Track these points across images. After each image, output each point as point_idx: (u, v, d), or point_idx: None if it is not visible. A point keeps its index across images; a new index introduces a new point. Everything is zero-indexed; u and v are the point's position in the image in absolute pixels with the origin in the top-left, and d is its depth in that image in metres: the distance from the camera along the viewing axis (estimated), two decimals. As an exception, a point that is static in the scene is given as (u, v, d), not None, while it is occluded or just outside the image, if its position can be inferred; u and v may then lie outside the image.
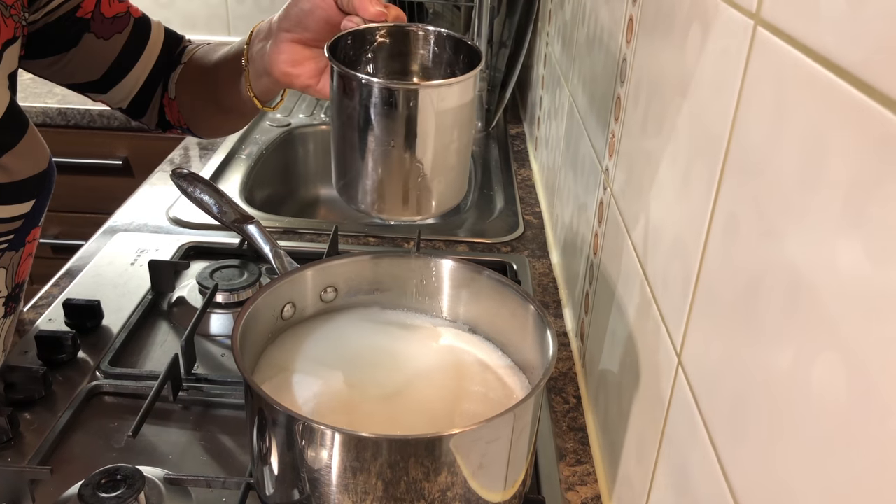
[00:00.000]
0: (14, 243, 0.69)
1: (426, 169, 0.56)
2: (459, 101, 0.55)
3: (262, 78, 0.69)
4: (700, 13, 0.50)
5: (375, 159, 0.55)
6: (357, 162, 0.56)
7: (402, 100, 0.53)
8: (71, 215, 1.73)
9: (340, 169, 0.58)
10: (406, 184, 0.56)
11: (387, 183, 0.56)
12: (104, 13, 0.75)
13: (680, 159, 0.52)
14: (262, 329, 0.63)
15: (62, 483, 0.64)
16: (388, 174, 0.56)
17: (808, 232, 0.34)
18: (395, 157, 0.55)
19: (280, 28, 0.65)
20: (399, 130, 0.54)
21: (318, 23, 0.62)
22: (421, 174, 0.56)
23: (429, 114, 0.53)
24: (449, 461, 0.50)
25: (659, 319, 0.55)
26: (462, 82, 0.54)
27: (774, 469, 0.36)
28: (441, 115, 0.54)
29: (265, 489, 0.57)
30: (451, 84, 0.54)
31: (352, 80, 0.54)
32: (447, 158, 0.57)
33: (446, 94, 0.54)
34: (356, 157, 0.56)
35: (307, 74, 0.65)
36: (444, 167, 0.57)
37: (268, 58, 0.66)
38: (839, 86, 0.32)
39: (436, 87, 0.54)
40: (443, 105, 0.54)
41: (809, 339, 0.33)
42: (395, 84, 0.54)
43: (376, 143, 0.54)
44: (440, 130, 0.55)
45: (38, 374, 0.73)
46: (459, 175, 0.59)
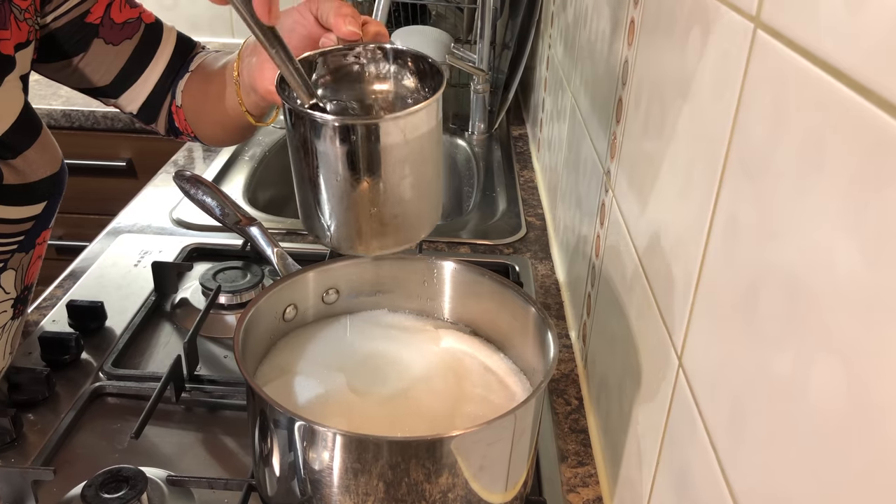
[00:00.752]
0: (24, 245, 0.69)
1: (378, 203, 0.54)
2: (413, 133, 0.52)
3: (250, 94, 0.69)
4: (700, 16, 0.50)
5: (325, 193, 0.54)
6: (308, 195, 0.55)
7: (341, 135, 0.51)
8: (75, 216, 1.73)
9: (298, 200, 0.57)
10: (357, 218, 0.55)
11: (339, 217, 0.55)
12: (114, 19, 0.75)
13: (681, 161, 0.53)
14: (264, 331, 0.64)
15: (65, 484, 0.64)
16: (339, 208, 0.54)
17: (807, 234, 0.34)
18: (343, 191, 0.53)
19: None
20: (343, 165, 0.52)
21: (299, 39, 0.62)
22: (371, 209, 0.54)
23: (372, 149, 0.51)
24: (450, 463, 0.51)
25: (660, 321, 0.55)
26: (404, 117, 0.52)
27: (774, 471, 0.36)
28: (388, 150, 0.52)
29: (267, 490, 0.57)
30: (399, 118, 0.52)
31: (291, 112, 0.53)
32: (401, 192, 0.54)
33: (390, 129, 0.52)
34: (307, 190, 0.55)
35: None
36: (399, 201, 0.55)
37: (253, 75, 0.66)
38: (838, 89, 0.32)
39: (379, 121, 0.52)
40: (388, 140, 0.52)
41: (808, 342, 0.33)
42: (330, 118, 0.52)
43: (324, 177, 0.53)
44: (388, 165, 0.52)
45: (42, 375, 0.74)
46: (420, 209, 0.57)
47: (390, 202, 0.54)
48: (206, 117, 0.78)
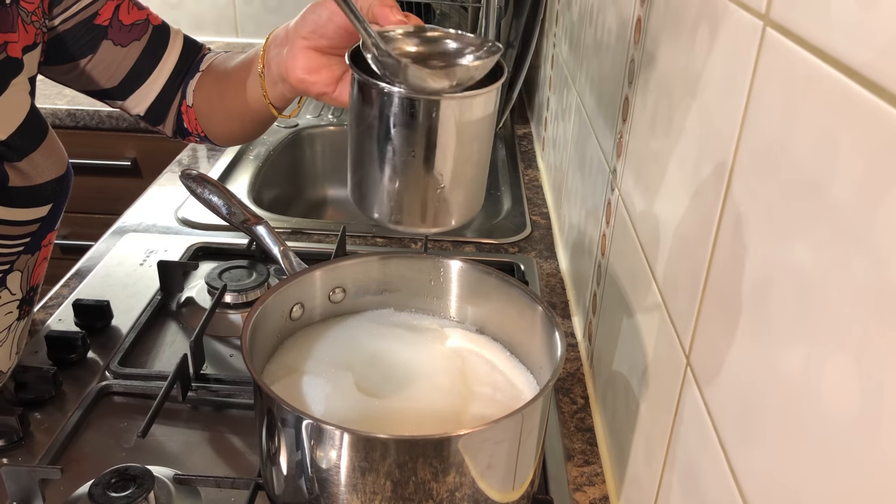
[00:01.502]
0: (30, 246, 0.69)
1: (445, 181, 0.55)
2: (481, 113, 0.54)
3: (277, 84, 0.69)
4: (709, 14, 0.50)
5: (394, 170, 0.54)
6: (375, 172, 0.55)
7: (424, 110, 0.52)
8: (80, 216, 1.74)
9: (357, 178, 0.57)
10: (424, 196, 0.55)
11: (405, 194, 0.55)
12: (122, 20, 0.75)
13: (689, 160, 0.52)
14: (271, 330, 0.64)
15: (72, 482, 0.64)
16: (406, 185, 0.55)
17: (818, 233, 0.34)
18: (414, 168, 0.54)
19: (297, 35, 0.64)
20: (419, 141, 0.53)
21: (335, 31, 0.62)
22: (440, 186, 0.55)
23: (450, 125, 0.53)
24: (457, 462, 0.51)
25: (667, 320, 0.55)
26: (485, 94, 0.53)
27: (785, 471, 0.36)
28: (462, 126, 0.53)
29: (274, 489, 0.57)
30: (475, 96, 0.53)
31: (372, 88, 0.53)
32: (466, 171, 0.56)
33: (469, 106, 0.53)
34: (374, 167, 0.55)
35: (323, 82, 0.65)
36: (463, 180, 0.56)
37: (284, 64, 0.66)
38: (849, 86, 0.32)
39: (458, 98, 0.53)
40: (464, 117, 0.53)
41: (820, 341, 0.33)
42: (418, 94, 0.53)
43: (395, 153, 0.54)
44: (461, 142, 0.54)
45: (49, 374, 0.74)
46: (477, 188, 0.58)
47: (458, 181, 0.55)
48: (221, 114, 0.78)
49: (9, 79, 0.65)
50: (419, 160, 0.54)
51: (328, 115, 1.55)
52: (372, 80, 0.53)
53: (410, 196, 0.55)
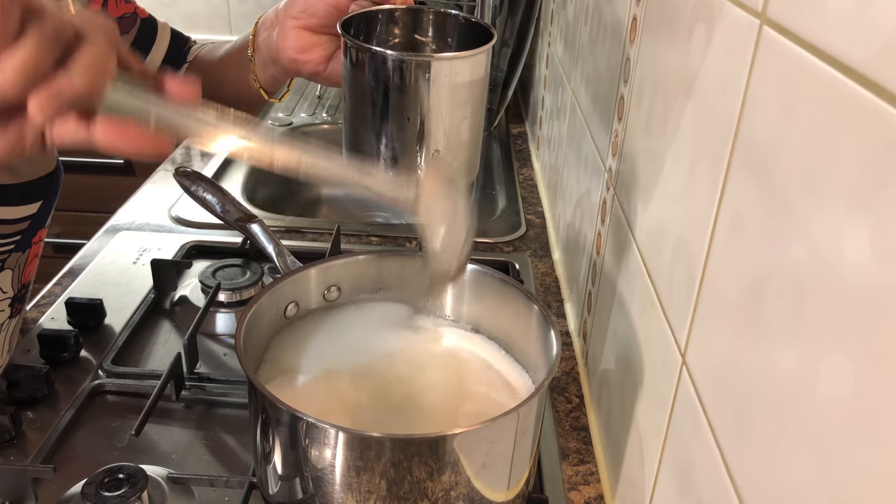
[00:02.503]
0: (21, 244, 0.69)
1: (440, 144, 0.55)
2: (472, 75, 0.54)
3: (269, 67, 0.69)
4: (705, 13, 0.50)
5: (389, 134, 0.55)
6: (370, 137, 0.56)
7: (416, 71, 0.52)
8: (73, 214, 1.73)
9: (353, 145, 0.58)
10: (420, 160, 0.56)
11: (401, 158, 0.56)
12: (111, 13, 0.75)
13: (684, 159, 0.52)
14: (266, 328, 0.63)
15: (65, 482, 0.64)
16: (403, 149, 0.55)
17: (815, 231, 0.34)
18: (409, 132, 0.54)
19: (287, 15, 0.65)
20: (413, 104, 0.53)
21: (325, 9, 0.63)
22: (435, 150, 0.55)
23: (443, 86, 0.53)
24: (452, 461, 0.50)
25: (663, 319, 0.55)
26: (474, 56, 0.54)
27: (780, 469, 0.36)
28: (455, 88, 0.54)
29: (268, 488, 0.57)
30: (465, 57, 0.54)
31: (365, 53, 0.53)
32: (461, 134, 0.56)
33: (460, 68, 0.54)
34: (369, 132, 0.56)
35: (315, 61, 0.65)
36: (458, 143, 0.57)
37: (275, 45, 0.66)
38: (846, 85, 0.32)
39: (449, 59, 0.54)
40: (456, 78, 0.54)
41: (816, 339, 0.33)
42: (409, 55, 0.54)
43: (390, 117, 0.54)
44: (454, 104, 0.54)
45: (41, 372, 0.73)
46: (472, 153, 0.59)
47: (452, 143, 0.56)
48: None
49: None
50: (414, 123, 0.54)
51: (322, 113, 1.55)
52: (364, 45, 0.53)
53: (406, 160, 0.56)
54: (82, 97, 0.36)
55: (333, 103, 1.60)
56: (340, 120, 1.64)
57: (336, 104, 1.60)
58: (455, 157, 0.57)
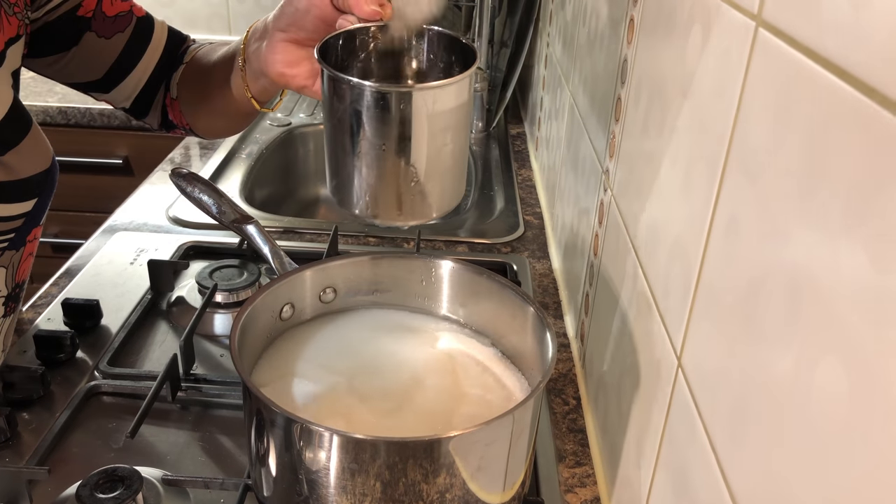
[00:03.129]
0: (15, 242, 0.69)
1: (420, 173, 0.54)
2: (454, 102, 0.53)
3: (259, 79, 0.68)
4: (701, 14, 0.49)
5: (367, 163, 0.54)
6: (349, 166, 0.55)
7: (395, 102, 0.51)
8: (71, 214, 1.73)
9: (333, 172, 0.57)
10: (399, 188, 0.55)
11: (380, 187, 0.55)
12: (106, 12, 0.74)
13: (681, 160, 0.52)
14: (261, 330, 0.63)
15: (60, 483, 0.63)
16: (381, 178, 0.54)
17: (810, 234, 0.34)
18: (387, 160, 0.53)
19: (275, 27, 0.64)
20: (391, 134, 0.52)
21: (313, 22, 0.61)
22: (414, 178, 0.54)
23: (422, 116, 0.52)
24: (448, 463, 0.50)
25: (659, 321, 0.55)
26: (456, 83, 0.53)
27: (775, 473, 0.36)
28: (434, 117, 0.52)
29: (263, 490, 0.56)
30: (445, 85, 0.52)
31: (341, 82, 0.52)
32: (442, 162, 0.55)
33: (440, 96, 0.52)
34: (348, 160, 0.55)
35: (303, 75, 0.64)
36: (439, 171, 0.55)
37: (263, 58, 0.65)
38: (841, 88, 0.32)
39: (429, 88, 0.52)
40: (436, 107, 0.52)
41: (811, 343, 0.33)
42: (387, 86, 0.52)
43: (368, 146, 0.53)
44: (434, 133, 0.53)
45: (37, 373, 0.73)
46: (455, 178, 0.58)
47: (432, 172, 0.55)
48: (204, 107, 0.78)
49: None
50: (392, 153, 0.53)
51: (321, 114, 1.55)
52: (340, 75, 0.52)
53: (385, 189, 0.55)
54: None
55: (332, 103, 1.60)
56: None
57: (335, 104, 1.60)
58: (436, 185, 0.56)
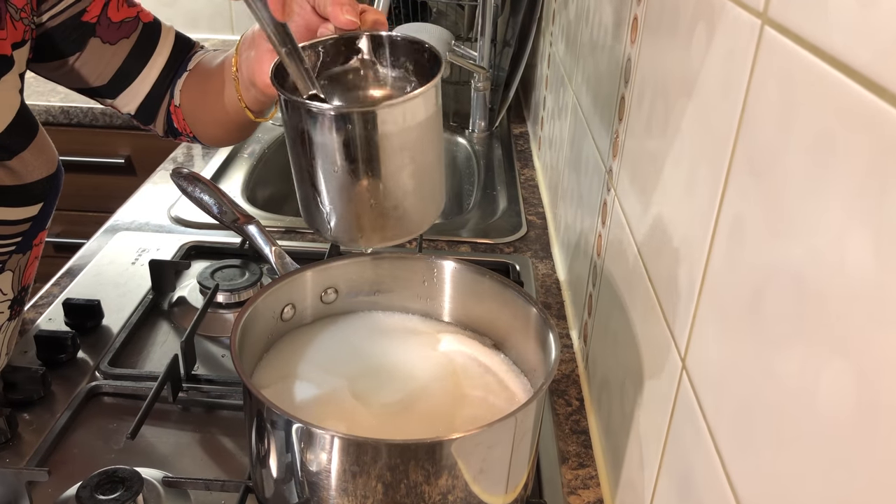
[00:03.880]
0: (21, 246, 0.68)
1: (378, 195, 0.52)
2: (411, 120, 0.50)
3: (250, 89, 0.68)
4: (706, 13, 0.49)
5: (321, 185, 0.52)
6: (305, 187, 0.54)
7: (338, 123, 0.49)
8: (72, 214, 1.73)
9: (298, 194, 0.56)
10: (356, 210, 0.53)
11: (337, 209, 0.53)
12: (111, 18, 0.74)
13: (685, 160, 0.52)
14: (262, 331, 0.63)
15: (60, 485, 0.63)
16: (336, 200, 0.52)
17: (817, 235, 0.33)
18: (339, 182, 0.51)
19: (262, 37, 0.63)
20: (341, 155, 0.50)
21: (296, 29, 0.60)
22: (371, 200, 0.52)
23: (373, 137, 0.49)
24: (450, 465, 0.50)
25: (663, 322, 0.54)
26: (409, 101, 0.50)
27: (780, 476, 0.35)
28: (387, 137, 0.50)
29: (264, 492, 0.56)
30: (396, 104, 0.49)
31: (286, 101, 0.51)
32: (400, 183, 0.52)
33: (390, 116, 0.49)
34: (304, 181, 0.53)
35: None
36: (399, 192, 0.53)
37: (252, 68, 0.65)
38: (848, 86, 0.31)
39: (377, 108, 0.49)
40: (387, 128, 0.49)
41: (817, 346, 0.33)
42: (326, 106, 0.50)
43: (320, 168, 0.51)
44: (390, 154, 0.50)
45: (38, 374, 0.73)
46: (421, 199, 0.55)
47: (390, 193, 0.52)
48: (205, 116, 0.77)
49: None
50: (345, 174, 0.51)
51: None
52: (283, 92, 0.51)
53: (344, 211, 0.53)
54: None
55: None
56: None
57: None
58: (397, 207, 0.53)
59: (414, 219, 0.56)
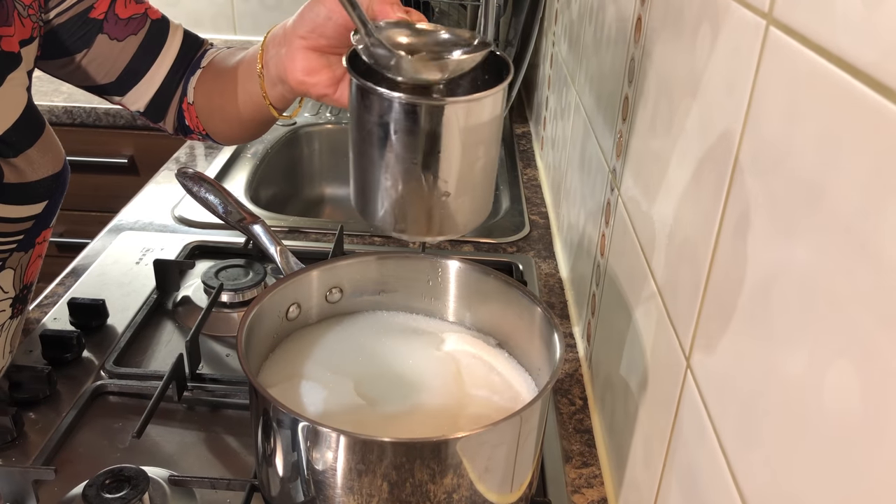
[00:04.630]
0: (23, 244, 0.68)
1: (450, 188, 0.52)
2: (488, 116, 0.52)
3: (277, 86, 0.67)
4: (710, 13, 0.49)
5: (396, 177, 0.52)
6: (376, 179, 0.53)
7: (426, 116, 0.49)
8: (76, 213, 1.73)
9: (358, 183, 0.55)
10: (429, 203, 0.53)
11: (408, 202, 0.53)
12: (119, 14, 0.74)
13: (689, 160, 0.52)
14: (267, 330, 0.63)
15: (66, 483, 0.63)
16: (410, 193, 0.52)
17: (822, 235, 0.33)
18: (417, 175, 0.51)
19: (295, 34, 0.62)
20: (422, 148, 0.50)
21: (335, 29, 0.59)
22: (444, 193, 0.52)
23: (455, 130, 0.50)
24: (455, 464, 0.50)
25: (667, 321, 0.54)
26: (490, 96, 0.51)
27: (786, 477, 0.36)
28: (467, 131, 0.51)
29: (270, 490, 0.56)
30: (479, 99, 0.51)
31: (371, 93, 0.50)
32: (473, 177, 0.53)
33: (474, 110, 0.51)
34: (375, 173, 0.53)
35: (324, 84, 0.62)
36: (470, 186, 0.54)
37: (283, 65, 0.63)
38: (854, 87, 0.31)
39: (463, 102, 0.50)
40: (469, 121, 0.51)
41: (823, 344, 0.33)
42: (420, 99, 0.50)
43: (397, 160, 0.51)
44: (466, 148, 0.51)
45: (43, 373, 0.73)
46: (485, 193, 0.56)
47: (463, 186, 0.53)
48: (221, 113, 0.77)
49: (5, 73, 0.64)
50: (422, 167, 0.51)
51: (326, 113, 1.55)
52: (370, 86, 0.50)
53: (414, 204, 0.53)
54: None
55: (337, 103, 1.60)
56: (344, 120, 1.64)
57: (340, 104, 1.60)
58: (466, 201, 0.54)
59: (477, 213, 0.57)
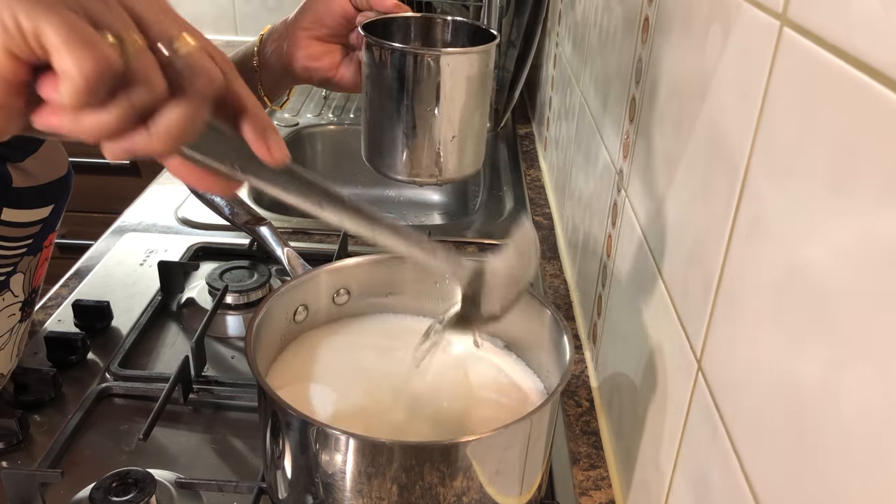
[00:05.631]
0: (32, 248, 0.68)
1: (456, 129, 0.62)
2: (484, 69, 0.62)
3: (276, 76, 0.72)
4: (721, 14, 0.49)
5: (411, 124, 0.61)
6: (394, 130, 0.62)
7: (435, 65, 0.59)
8: (80, 215, 1.72)
9: (372, 140, 0.64)
10: (438, 145, 0.62)
11: (421, 146, 0.62)
12: None
13: (699, 161, 0.52)
14: (275, 332, 0.63)
15: (73, 486, 0.63)
16: (423, 137, 0.62)
17: (839, 237, 0.33)
18: (429, 119, 0.61)
19: (297, 27, 0.69)
20: (433, 94, 0.60)
21: (335, 19, 0.67)
22: (453, 134, 0.62)
23: (459, 78, 0.60)
24: (465, 467, 0.50)
25: (677, 323, 0.54)
26: (485, 51, 0.62)
27: (802, 479, 0.35)
28: (468, 80, 0.61)
29: (278, 493, 0.56)
30: (478, 52, 0.61)
31: (388, 50, 0.60)
32: (473, 122, 0.63)
33: (473, 61, 0.61)
34: (391, 124, 0.62)
35: (325, 67, 0.70)
36: (473, 129, 0.63)
37: (286, 55, 0.70)
38: (871, 87, 0.31)
39: (465, 53, 0.61)
40: (470, 71, 0.61)
41: (840, 346, 0.33)
42: (429, 50, 0.61)
43: (411, 107, 0.61)
44: (469, 94, 0.61)
45: (48, 375, 0.73)
46: (481, 140, 0.66)
47: (466, 129, 0.63)
48: None
49: None
50: (433, 112, 0.61)
51: (328, 114, 1.55)
52: (387, 43, 0.60)
53: (426, 149, 0.62)
54: (155, 154, 0.37)
55: (339, 104, 1.60)
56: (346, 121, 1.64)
57: (342, 105, 1.60)
58: (470, 143, 0.63)
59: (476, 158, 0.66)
